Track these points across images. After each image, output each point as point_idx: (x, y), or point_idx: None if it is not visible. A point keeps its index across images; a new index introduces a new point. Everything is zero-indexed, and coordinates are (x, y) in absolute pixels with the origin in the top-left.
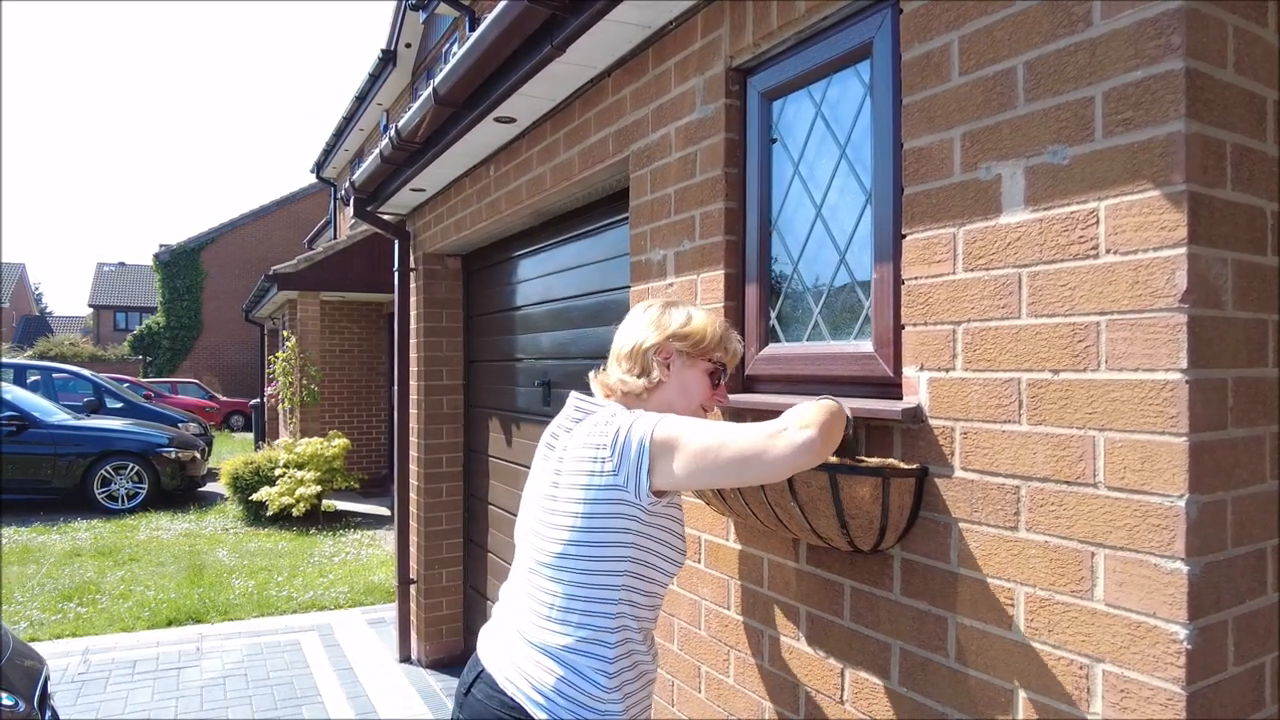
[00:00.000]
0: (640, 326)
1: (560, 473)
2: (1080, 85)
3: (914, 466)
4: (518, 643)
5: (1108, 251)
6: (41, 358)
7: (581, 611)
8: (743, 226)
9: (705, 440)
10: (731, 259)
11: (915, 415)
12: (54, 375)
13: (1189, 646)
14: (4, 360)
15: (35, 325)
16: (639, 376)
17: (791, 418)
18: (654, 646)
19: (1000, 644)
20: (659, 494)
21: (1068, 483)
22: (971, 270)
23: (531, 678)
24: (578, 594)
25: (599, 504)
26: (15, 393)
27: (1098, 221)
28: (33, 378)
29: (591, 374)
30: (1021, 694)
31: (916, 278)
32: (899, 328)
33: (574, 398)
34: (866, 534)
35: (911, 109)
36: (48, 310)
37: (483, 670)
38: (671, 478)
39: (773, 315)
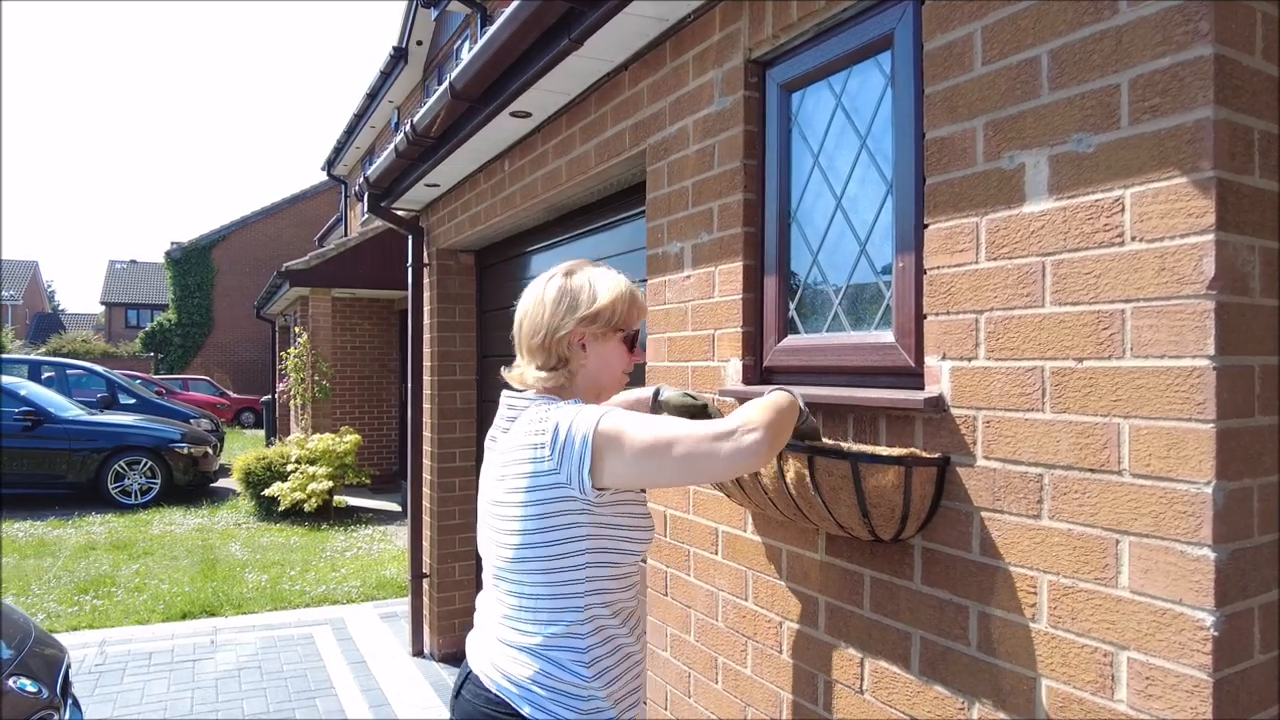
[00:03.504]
0: (545, 313)
1: (504, 477)
2: (1106, 73)
3: (936, 455)
4: (496, 645)
5: (1133, 239)
6: (54, 354)
7: (549, 609)
8: (761, 218)
9: (652, 438)
10: (750, 251)
11: (937, 404)
12: (68, 372)
13: (1216, 633)
14: (19, 356)
15: (48, 322)
16: (556, 368)
17: (740, 418)
18: (640, 624)
19: (1022, 632)
20: (600, 488)
21: (1092, 470)
22: (994, 259)
23: (510, 674)
24: (542, 593)
25: (545, 503)
26: (30, 389)
27: (1123, 209)
28: (47, 374)
29: (504, 369)
30: (1044, 682)
31: (939, 267)
32: (921, 317)
33: (505, 396)
34: (888, 523)
35: (934, 99)
36: (60, 307)
37: (470, 672)
38: (615, 475)
39: (792, 307)
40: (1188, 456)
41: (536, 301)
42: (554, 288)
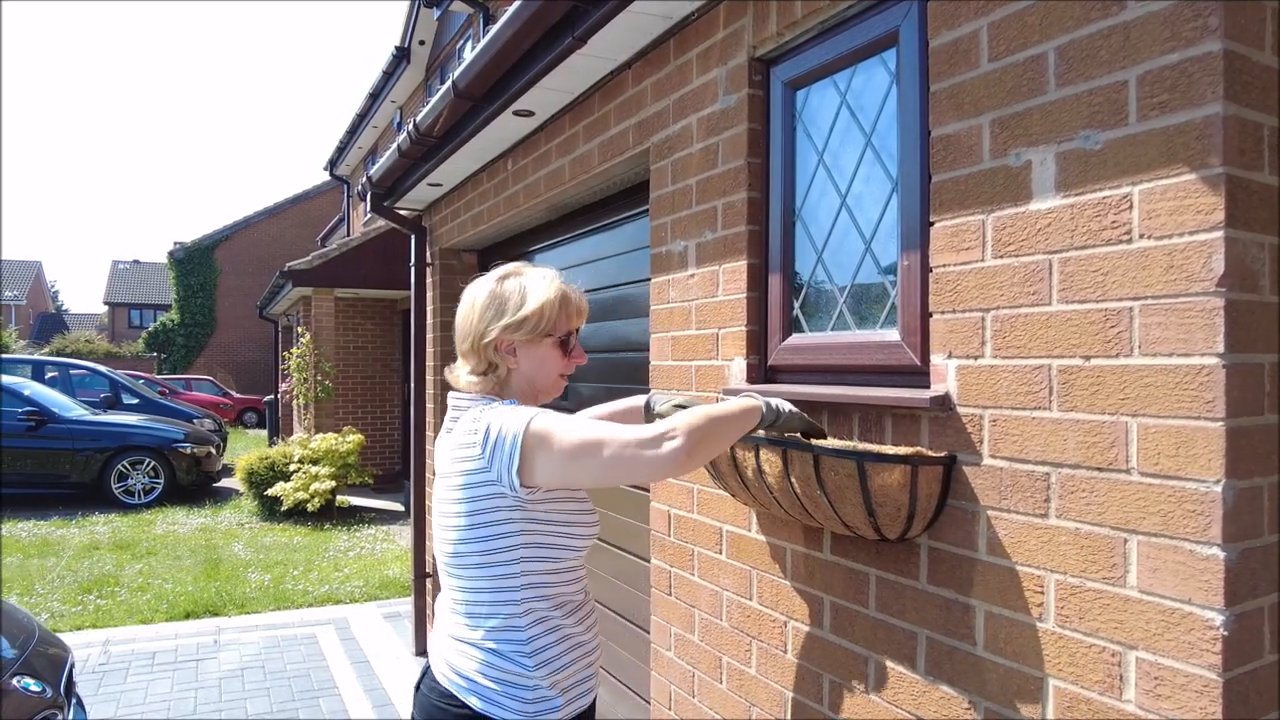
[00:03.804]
0: (474, 319)
1: (446, 475)
2: (1114, 69)
3: (942, 454)
4: (447, 640)
5: (1141, 236)
6: (58, 354)
7: (489, 603)
8: (765, 217)
9: (580, 440)
10: (754, 249)
11: (943, 403)
12: (71, 372)
13: (1225, 633)
14: (23, 356)
15: (52, 322)
16: (486, 373)
17: (668, 424)
18: (590, 615)
19: (1030, 632)
20: (529, 487)
21: (1099, 469)
22: (1001, 257)
23: (458, 668)
24: (480, 587)
25: (478, 500)
26: (34, 388)
27: (1131, 206)
28: (51, 374)
29: (447, 369)
30: (1052, 682)
31: (944, 265)
32: (926, 316)
33: (451, 396)
34: (894, 522)
35: (939, 96)
36: (64, 307)
37: (428, 667)
38: (544, 475)
39: (796, 305)
40: (1197, 455)
41: (468, 306)
42: (484, 293)
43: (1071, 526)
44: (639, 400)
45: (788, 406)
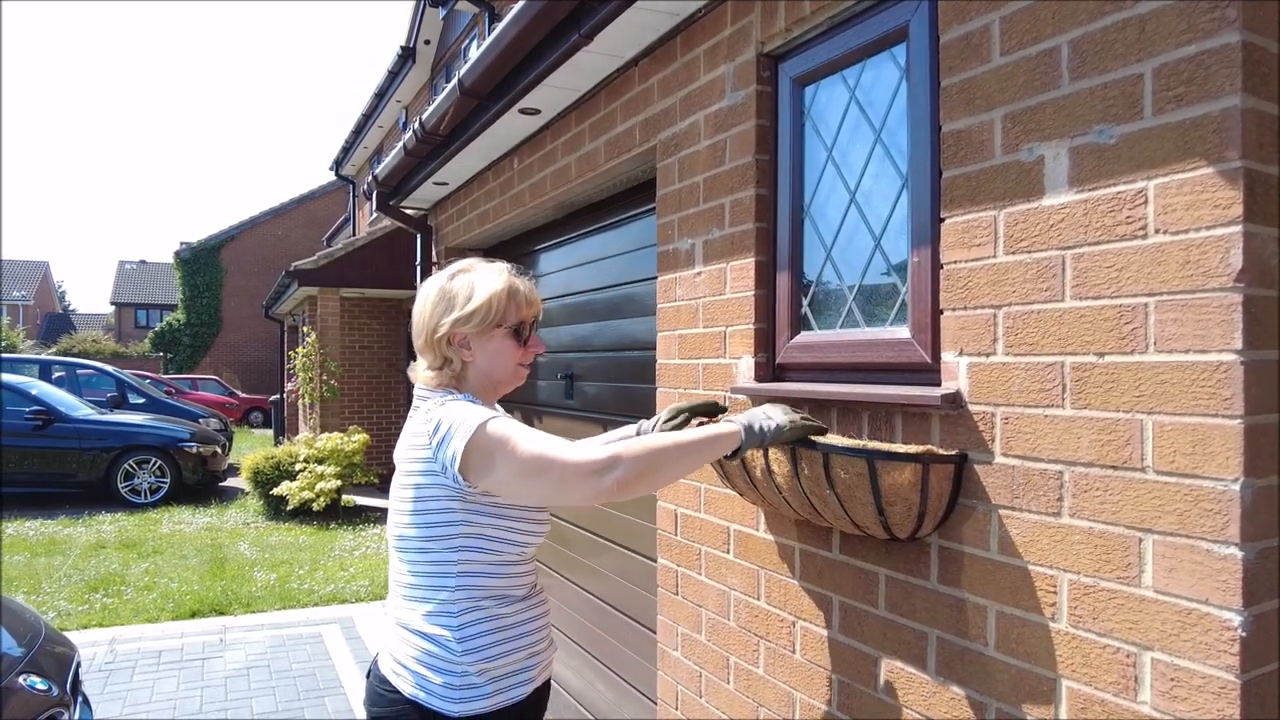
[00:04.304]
0: (427, 314)
1: (401, 461)
2: (1128, 62)
3: (954, 453)
4: (390, 624)
5: (1157, 231)
6: (65, 354)
7: (426, 587)
8: (774, 214)
9: (536, 453)
10: (762, 246)
11: (954, 401)
12: (78, 371)
13: (1243, 634)
14: (30, 356)
15: (59, 322)
16: (441, 367)
17: (614, 451)
18: (533, 607)
19: (1042, 632)
20: (471, 484)
21: (1114, 467)
22: (1013, 253)
23: (394, 653)
24: (420, 570)
25: (423, 488)
26: (41, 388)
27: (1146, 201)
28: (58, 374)
29: (409, 366)
30: (1065, 683)
31: (956, 261)
32: (937, 313)
33: (416, 387)
34: (904, 521)
35: (950, 91)
36: (71, 307)
37: (377, 654)
38: (491, 479)
39: (805, 303)
40: (1214, 453)
41: (421, 303)
42: (435, 289)
43: (1085, 526)
44: (629, 430)
45: (778, 421)
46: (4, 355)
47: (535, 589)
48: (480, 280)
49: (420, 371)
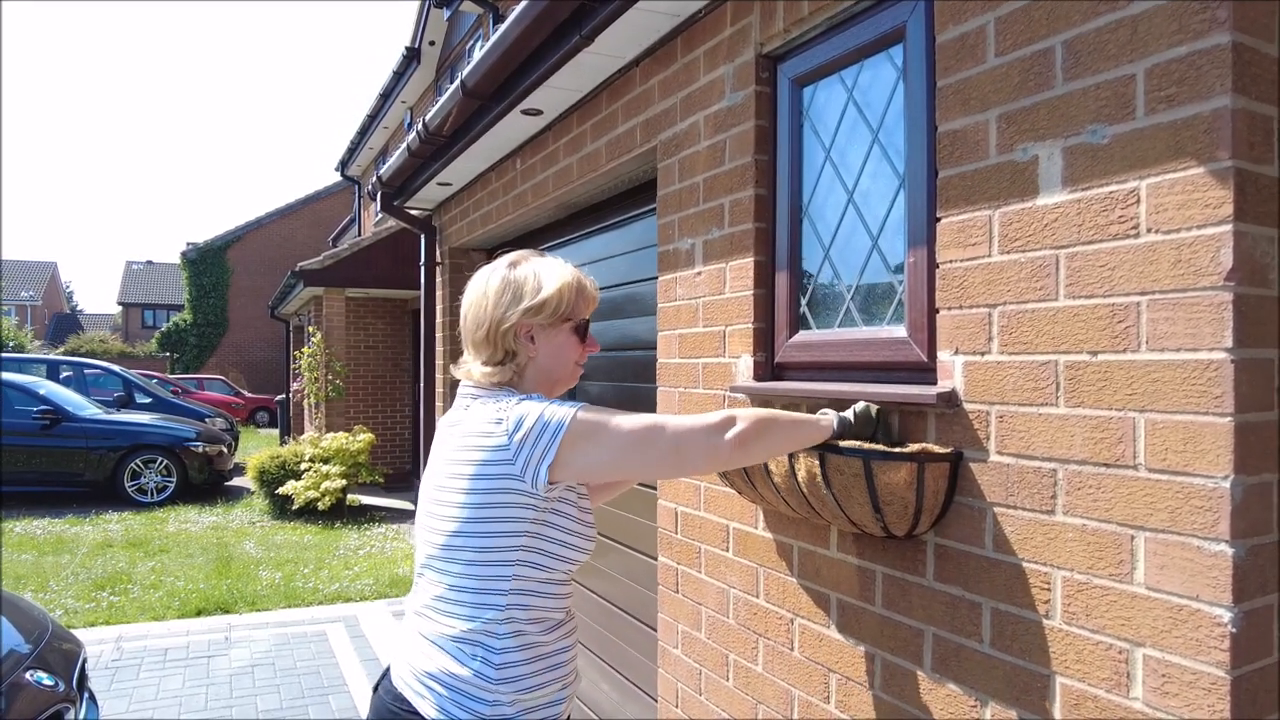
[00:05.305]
0: (489, 306)
1: (452, 462)
2: (1121, 63)
3: (949, 451)
4: (413, 638)
5: (1149, 231)
6: (72, 354)
7: (471, 603)
8: (773, 214)
9: (646, 425)
10: (761, 246)
11: (950, 399)
12: (85, 371)
13: (1234, 630)
14: (38, 356)
15: (66, 322)
16: (503, 362)
17: (729, 412)
18: (569, 635)
19: (1036, 629)
20: (555, 482)
21: (1107, 465)
22: (1008, 252)
23: (417, 670)
24: (466, 584)
25: (490, 492)
26: (49, 388)
27: (1138, 200)
28: (65, 373)
29: (453, 367)
30: (1058, 680)
31: (951, 261)
32: (933, 312)
33: (462, 387)
34: (901, 520)
35: (946, 92)
36: (78, 308)
37: (388, 668)
38: (587, 465)
39: (803, 302)
40: (1205, 451)
41: (480, 294)
42: (497, 279)
43: (1078, 523)
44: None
45: (855, 410)
46: (12, 355)
47: (570, 614)
48: (545, 270)
49: (475, 369)
